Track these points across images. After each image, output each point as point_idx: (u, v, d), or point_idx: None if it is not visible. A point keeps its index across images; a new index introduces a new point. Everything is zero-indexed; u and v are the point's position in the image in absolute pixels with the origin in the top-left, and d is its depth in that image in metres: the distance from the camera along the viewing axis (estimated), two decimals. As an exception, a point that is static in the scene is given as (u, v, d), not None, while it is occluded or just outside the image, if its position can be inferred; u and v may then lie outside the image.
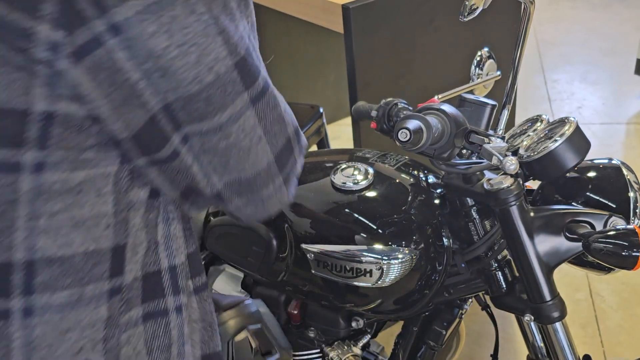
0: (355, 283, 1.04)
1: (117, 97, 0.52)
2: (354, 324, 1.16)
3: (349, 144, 2.80)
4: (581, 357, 1.06)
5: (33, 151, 0.51)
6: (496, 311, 1.13)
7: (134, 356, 0.63)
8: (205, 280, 0.75)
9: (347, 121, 3.13)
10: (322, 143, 2.14)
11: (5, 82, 0.48)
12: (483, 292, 1.12)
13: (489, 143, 0.92)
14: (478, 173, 1.01)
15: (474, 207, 1.05)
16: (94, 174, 0.55)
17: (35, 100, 0.49)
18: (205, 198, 0.66)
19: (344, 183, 1.09)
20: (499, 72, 1.25)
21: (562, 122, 1.04)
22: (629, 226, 0.89)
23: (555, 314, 0.98)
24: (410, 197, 1.09)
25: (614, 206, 1.02)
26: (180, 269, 0.68)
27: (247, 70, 0.58)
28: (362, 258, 1.02)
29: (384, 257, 1.02)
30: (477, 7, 0.97)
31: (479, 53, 1.24)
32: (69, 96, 0.50)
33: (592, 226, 0.97)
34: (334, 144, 2.79)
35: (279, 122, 0.65)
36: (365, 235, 1.04)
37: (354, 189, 1.08)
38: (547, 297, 0.98)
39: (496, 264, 1.06)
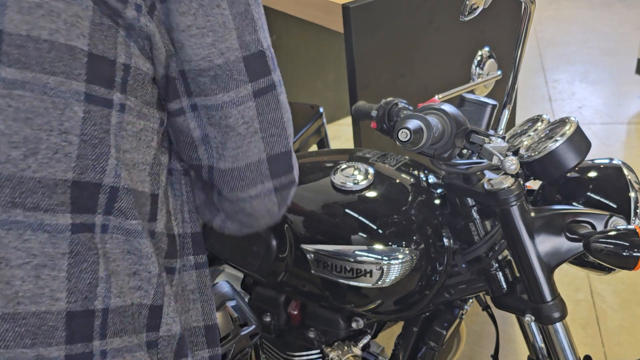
0: (355, 283, 1.04)
1: (157, 52, 0.67)
2: (354, 325, 1.16)
3: (349, 144, 2.80)
4: (582, 358, 1.06)
5: (118, 93, 0.65)
6: (497, 312, 1.13)
7: (185, 295, 0.77)
8: (205, 260, 0.81)
9: (347, 121, 3.12)
10: (322, 143, 2.13)
11: (103, 37, 0.63)
12: (483, 292, 1.12)
13: (490, 143, 0.91)
14: (478, 173, 1.01)
15: (475, 207, 1.05)
16: (148, 126, 0.69)
17: (119, 53, 0.64)
18: (201, 182, 0.78)
19: (344, 183, 1.09)
20: (499, 72, 1.25)
21: (563, 122, 1.04)
22: (629, 226, 0.88)
23: (556, 315, 0.98)
24: (410, 197, 1.08)
25: (614, 206, 1.02)
26: (183, 240, 0.77)
27: (255, 66, 0.70)
28: (362, 258, 1.02)
29: (384, 258, 1.02)
30: (478, 7, 0.96)
31: (480, 53, 1.23)
32: (139, 53, 0.65)
33: (593, 226, 0.97)
34: (334, 144, 2.79)
35: (277, 127, 0.74)
36: (365, 236, 1.04)
37: (354, 189, 1.08)
38: (548, 297, 0.98)
39: (497, 264, 1.06)
